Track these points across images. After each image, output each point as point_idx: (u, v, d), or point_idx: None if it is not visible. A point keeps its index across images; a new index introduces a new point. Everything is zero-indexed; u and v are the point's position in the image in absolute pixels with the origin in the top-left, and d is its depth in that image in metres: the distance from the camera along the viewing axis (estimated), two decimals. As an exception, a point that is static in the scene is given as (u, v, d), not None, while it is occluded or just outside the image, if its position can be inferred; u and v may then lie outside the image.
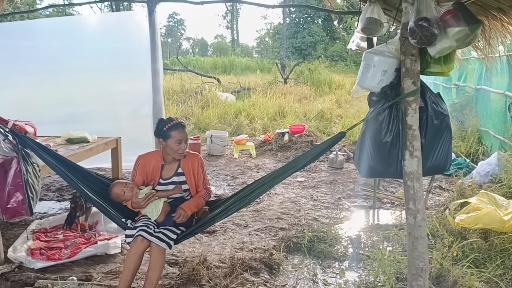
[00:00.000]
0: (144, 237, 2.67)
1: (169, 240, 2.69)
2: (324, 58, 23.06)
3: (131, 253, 2.66)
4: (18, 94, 6.27)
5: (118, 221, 2.94)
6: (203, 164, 3.05)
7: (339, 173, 5.85)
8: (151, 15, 5.77)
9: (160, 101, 6.05)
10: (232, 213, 2.90)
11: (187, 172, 2.95)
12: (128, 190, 2.83)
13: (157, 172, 2.94)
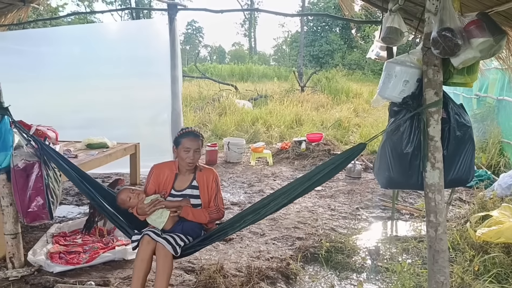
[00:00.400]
0: (150, 237, 2.60)
1: (175, 244, 2.62)
2: (341, 66, 22.93)
3: (138, 260, 2.60)
4: (40, 99, 6.40)
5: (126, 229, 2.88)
6: (218, 179, 2.97)
7: (357, 183, 5.79)
8: (171, 23, 5.86)
9: (179, 108, 6.12)
10: (245, 225, 2.77)
11: (202, 187, 2.90)
12: (134, 196, 2.81)
13: (170, 182, 2.90)
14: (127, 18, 37.72)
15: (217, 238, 2.81)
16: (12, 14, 5.96)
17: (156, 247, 2.61)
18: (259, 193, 5.37)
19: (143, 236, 2.64)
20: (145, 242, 2.62)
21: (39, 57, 6.46)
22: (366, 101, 14.71)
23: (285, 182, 5.88)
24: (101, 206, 2.90)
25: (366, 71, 31.32)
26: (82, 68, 6.44)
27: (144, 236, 2.63)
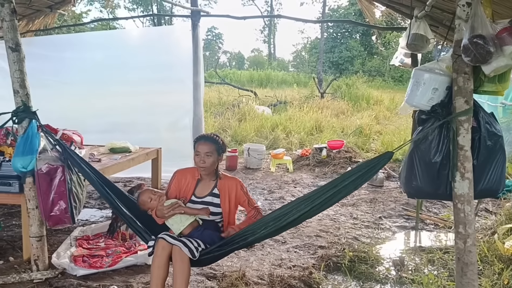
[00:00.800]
0: (166, 241, 2.55)
1: (193, 247, 2.56)
2: (361, 73, 22.76)
3: (155, 267, 2.55)
4: (64, 103, 6.50)
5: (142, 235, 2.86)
6: (244, 187, 2.92)
7: (379, 191, 5.71)
8: (194, 29, 5.90)
9: (200, 113, 6.15)
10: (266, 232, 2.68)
11: (223, 195, 2.85)
12: (155, 198, 2.79)
13: (191, 188, 2.87)
14: (149, 25, 38.27)
15: (237, 244, 2.72)
16: (40, 20, 6.12)
17: (172, 250, 2.55)
18: (279, 200, 5.34)
19: (158, 240, 2.58)
20: (160, 247, 2.56)
21: (63, 62, 6.57)
22: (387, 108, 14.56)
23: (306, 190, 5.83)
24: (120, 211, 2.90)
25: (387, 78, 31.04)
26: (105, 74, 6.52)
27: (159, 240, 2.57)
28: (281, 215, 2.63)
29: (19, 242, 3.75)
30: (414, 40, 4.46)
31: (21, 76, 3.07)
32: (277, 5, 46.17)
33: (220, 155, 2.85)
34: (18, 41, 3.07)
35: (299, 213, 2.61)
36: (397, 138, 8.48)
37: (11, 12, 3.01)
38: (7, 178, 3.36)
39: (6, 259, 3.49)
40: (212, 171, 2.86)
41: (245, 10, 48.63)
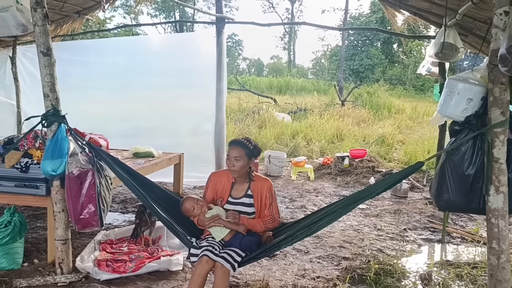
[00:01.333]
0: (209, 258, 2.65)
1: (233, 261, 2.67)
2: (383, 81, 22.53)
3: (196, 274, 2.64)
4: (87, 107, 6.58)
5: (183, 239, 2.95)
6: (272, 189, 2.99)
7: (403, 202, 5.59)
8: (219, 35, 5.92)
9: (223, 119, 6.15)
10: (298, 240, 2.85)
11: (255, 196, 2.94)
12: (198, 207, 2.88)
13: (227, 190, 2.98)
14: (170, 31, 38.71)
15: (270, 251, 2.88)
16: (67, 26, 6.21)
17: (215, 266, 2.66)
18: (301, 209, 5.28)
19: (202, 256, 2.67)
20: (204, 261, 2.66)
21: (87, 66, 6.67)
22: (409, 117, 14.35)
23: (328, 199, 5.76)
24: (156, 213, 2.96)
25: (408, 87, 30.65)
26: (127, 79, 6.60)
27: (202, 257, 2.66)
28: (311, 224, 2.74)
29: (44, 245, 3.79)
30: (443, 49, 4.37)
31: (51, 80, 3.11)
32: (298, 12, 46.21)
33: (250, 159, 2.93)
34: (50, 45, 3.11)
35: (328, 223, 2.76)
36: (421, 148, 8.32)
37: (44, 17, 3.06)
38: (34, 180, 3.41)
39: (31, 261, 3.52)
40: (244, 174, 2.95)
41: (266, 17, 48.78)
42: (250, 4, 74.46)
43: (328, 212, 2.74)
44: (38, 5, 3.03)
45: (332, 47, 42.44)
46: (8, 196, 3.51)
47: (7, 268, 3.33)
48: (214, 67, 5.97)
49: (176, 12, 38.26)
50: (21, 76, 6.53)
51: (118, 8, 30.89)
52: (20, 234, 3.45)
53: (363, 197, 2.66)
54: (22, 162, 3.41)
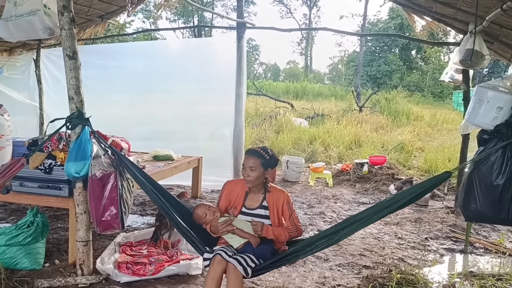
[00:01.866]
0: (222, 257, 2.60)
1: (246, 265, 2.60)
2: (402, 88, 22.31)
3: (209, 278, 2.60)
4: (107, 110, 6.65)
5: (197, 245, 2.91)
6: (290, 201, 2.91)
7: (424, 211, 5.49)
8: (239, 40, 5.93)
9: (241, 124, 6.15)
10: (318, 250, 2.75)
11: (271, 208, 2.87)
12: (210, 213, 2.85)
13: (241, 199, 2.92)
14: (188, 35, 39.05)
15: (287, 261, 2.79)
16: (90, 29, 6.30)
17: (227, 267, 2.59)
18: (319, 215, 5.22)
19: (215, 255, 2.63)
20: (216, 261, 2.61)
21: (107, 70, 6.76)
22: (428, 124, 14.18)
23: (347, 205, 5.70)
24: (173, 219, 2.94)
25: (426, 93, 30.34)
26: (147, 82, 6.67)
27: (216, 256, 2.63)
28: (333, 233, 2.66)
29: (64, 245, 3.82)
30: (467, 56, 4.30)
31: (76, 83, 3.14)
32: (315, 18, 46.20)
33: (266, 170, 2.85)
34: (75, 49, 3.15)
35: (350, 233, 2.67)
36: (441, 156, 8.19)
37: (70, 21, 3.09)
38: (57, 182, 3.45)
39: (52, 262, 3.55)
40: (259, 184, 2.88)
41: (283, 22, 48.84)
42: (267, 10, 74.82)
43: (351, 222, 2.66)
44: (65, 9, 3.06)
45: (350, 52, 42.30)
46: (32, 197, 3.56)
47: (29, 268, 3.36)
48: (232, 72, 5.99)
49: (194, 17, 38.59)
50: (44, 78, 6.65)
51: (137, 13, 31.27)
52: (42, 234, 3.48)
53: (388, 206, 2.58)
54: (46, 163, 3.45)
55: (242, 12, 5.96)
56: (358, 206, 5.69)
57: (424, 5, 4.53)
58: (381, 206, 2.60)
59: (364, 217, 2.61)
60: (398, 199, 2.57)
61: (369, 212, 2.62)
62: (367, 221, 2.62)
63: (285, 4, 46.64)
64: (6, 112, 3.85)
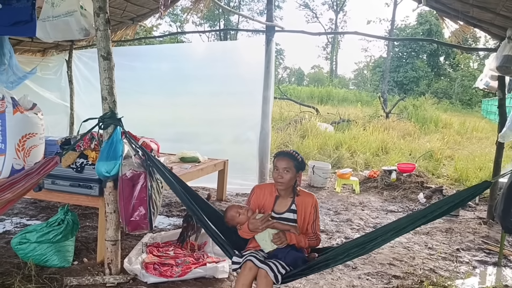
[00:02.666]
0: (253, 263, 2.56)
1: (278, 272, 2.56)
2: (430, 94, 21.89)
3: (239, 284, 2.56)
4: (135, 111, 6.72)
5: (225, 249, 2.88)
6: (317, 206, 2.87)
7: (455, 221, 5.33)
8: (268, 43, 5.91)
9: (268, 128, 6.12)
10: (349, 259, 2.68)
11: (299, 211, 2.83)
12: (243, 212, 2.81)
13: (270, 204, 2.88)
14: (214, 39, 39.37)
15: (317, 269, 2.74)
16: (121, 31, 6.39)
17: (258, 273, 2.56)
18: (347, 222, 5.13)
19: (246, 261, 2.60)
20: (247, 268, 2.57)
21: (135, 72, 6.83)
22: (457, 132, 13.85)
23: (375, 213, 5.59)
24: (202, 221, 2.91)
25: (454, 101, 29.71)
26: (173, 85, 6.73)
27: (247, 262, 2.59)
28: (365, 243, 2.56)
29: (93, 244, 3.86)
30: (505, 62, 4.17)
31: (110, 84, 3.16)
32: (342, 23, 45.90)
33: (298, 172, 2.83)
34: (110, 50, 3.17)
35: (383, 242, 2.57)
36: (472, 165, 7.96)
37: (106, 22, 3.12)
38: (88, 181, 3.48)
39: (80, 260, 3.59)
40: (290, 187, 2.85)
41: (309, 27, 48.63)
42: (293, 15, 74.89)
43: (384, 231, 2.56)
44: (101, 10, 3.10)
45: (376, 58, 41.85)
46: (63, 195, 3.60)
47: (58, 266, 3.39)
48: (258, 75, 5.98)
49: (220, 21, 38.89)
50: (75, 79, 6.79)
51: (165, 16, 31.71)
52: (72, 232, 3.52)
53: (423, 216, 2.47)
54: (78, 162, 3.50)
55: (272, 15, 5.94)
56: (386, 214, 5.57)
57: (461, 9, 4.41)
58: (416, 215, 2.51)
59: (397, 226, 2.52)
60: (434, 209, 2.47)
61: (403, 221, 2.52)
62: (401, 231, 2.53)
63: (311, 9, 46.55)
64: (40, 111, 3.92)
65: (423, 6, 5.04)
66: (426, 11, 31.31)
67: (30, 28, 3.91)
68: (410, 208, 5.88)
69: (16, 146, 3.70)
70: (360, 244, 2.58)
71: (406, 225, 2.51)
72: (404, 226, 2.52)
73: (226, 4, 35.58)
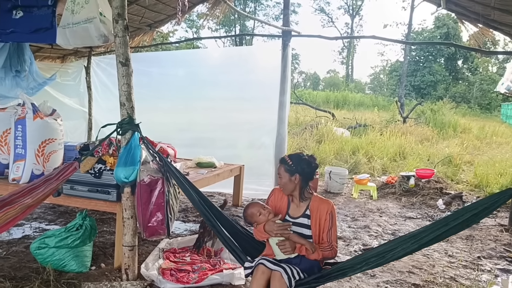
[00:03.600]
0: (266, 266, 2.54)
1: (292, 276, 2.52)
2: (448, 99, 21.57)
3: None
4: (151, 116, 6.75)
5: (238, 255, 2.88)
6: (334, 213, 2.79)
7: (476, 228, 5.22)
8: (284, 48, 5.89)
9: (284, 133, 6.09)
10: (368, 268, 2.61)
11: (313, 217, 2.78)
12: (264, 213, 2.79)
13: (285, 207, 2.88)
14: (229, 44, 39.54)
15: (334, 278, 2.69)
16: (139, 38, 6.46)
17: (272, 275, 2.52)
18: (364, 229, 5.06)
19: (258, 265, 2.57)
20: (259, 271, 2.55)
21: (152, 78, 6.89)
22: (476, 137, 13.60)
23: (393, 220, 5.50)
24: (216, 227, 2.91)
25: (473, 105, 29.24)
26: (189, 90, 6.76)
27: (259, 266, 2.57)
28: (385, 252, 2.48)
29: (110, 249, 3.88)
30: (528, 65, 4.07)
31: (128, 90, 3.18)
32: (358, 27, 45.67)
33: (293, 176, 2.78)
34: (128, 56, 3.20)
35: (404, 251, 2.47)
36: (492, 170, 7.79)
37: (124, 28, 3.15)
38: (106, 186, 3.50)
39: (98, 265, 3.60)
40: (296, 192, 2.82)
41: (325, 31, 48.57)
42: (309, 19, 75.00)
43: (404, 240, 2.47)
44: (119, 17, 3.13)
45: (392, 62, 41.50)
46: (81, 200, 3.63)
47: (76, 271, 3.41)
48: (275, 80, 5.96)
49: (236, 26, 39.08)
50: (93, 85, 6.87)
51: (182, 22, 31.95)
52: (90, 238, 3.55)
53: (445, 224, 2.39)
54: (96, 167, 3.52)
55: (288, 20, 5.93)
56: (404, 221, 5.47)
57: (482, 12, 4.33)
58: (437, 224, 2.42)
59: (418, 235, 2.42)
60: (456, 217, 2.40)
61: (425, 230, 2.43)
62: (424, 242, 2.42)
63: (326, 13, 46.46)
64: (59, 117, 3.97)
65: (441, 10, 4.96)
66: (443, 14, 31.00)
67: (51, 35, 3.99)
68: (429, 214, 5.77)
69: (36, 152, 3.75)
70: (380, 253, 2.51)
71: (427, 234, 2.41)
72: (426, 235, 2.40)
73: (241, 9, 35.77)
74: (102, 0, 3.75)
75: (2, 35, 4.27)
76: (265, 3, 41.86)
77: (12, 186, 3.73)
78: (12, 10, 4.03)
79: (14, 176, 3.77)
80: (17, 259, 3.65)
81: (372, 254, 2.55)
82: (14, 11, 4.03)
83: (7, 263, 3.54)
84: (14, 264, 3.54)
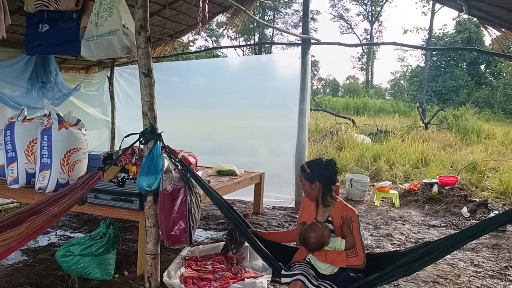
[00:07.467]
0: (304, 283, 2.53)
1: None
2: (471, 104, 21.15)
3: None
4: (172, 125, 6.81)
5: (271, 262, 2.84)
6: (357, 220, 2.76)
7: (502, 237, 5.09)
8: (304, 56, 5.91)
9: (304, 140, 6.09)
10: (396, 279, 2.64)
11: (335, 223, 2.79)
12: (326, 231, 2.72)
13: (313, 212, 2.91)
14: (248, 53, 39.75)
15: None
16: (160, 48, 6.56)
17: None
18: (387, 237, 4.99)
19: (296, 280, 2.56)
20: (298, 286, 2.55)
21: (172, 87, 6.97)
22: (500, 143, 13.28)
23: (416, 228, 5.41)
24: (245, 234, 2.94)
25: (497, 110, 28.57)
26: (209, 98, 6.82)
27: (297, 282, 2.56)
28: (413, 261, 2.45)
29: (133, 257, 3.92)
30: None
31: (150, 100, 3.24)
32: (377, 33, 45.31)
33: (312, 183, 2.80)
34: (150, 67, 3.26)
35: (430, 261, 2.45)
36: (519, 176, 7.59)
37: (146, 40, 3.21)
38: (129, 195, 3.55)
39: (121, 273, 3.65)
40: (319, 199, 2.85)
41: (344, 38, 48.22)
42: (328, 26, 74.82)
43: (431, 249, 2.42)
44: (142, 29, 3.19)
45: (413, 67, 40.99)
46: (105, 209, 3.69)
47: (100, 279, 3.46)
48: (294, 87, 5.99)
49: (255, 35, 39.29)
50: (116, 94, 7.00)
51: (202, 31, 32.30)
52: (114, 246, 3.60)
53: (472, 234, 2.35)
54: (119, 176, 3.58)
55: (308, 28, 5.95)
56: (428, 229, 5.38)
57: (506, 17, 4.25)
58: (465, 234, 2.38)
59: (446, 245, 2.39)
60: (482, 228, 2.35)
61: (451, 240, 2.39)
62: (452, 248, 2.41)
63: (345, 20, 46.26)
64: (83, 127, 4.06)
65: (463, 15, 4.90)
66: (465, 19, 30.51)
67: (75, 47, 4.10)
68: (453, 222, 5.66)
69: (61, 161, 3.84)
70: (407, 263, 2.46)
71: (454, 244, 2.37)
72: (452, 244, 2.37)
73: (260, 18, 35.98)
74: (125, 13, 3.83)
75: (29, 48, 4.42)
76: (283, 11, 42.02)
77: (38, 195, 3.83)
78: (39, 24, 4.15)
79: (40, 185, 3.87)
80: (43, 266, 3.72)
81: (399, 264, 2.50)
82: (40, 24, 4.15)
83: (34, 271, 3.62)
84: (40, 271, 3.61)
